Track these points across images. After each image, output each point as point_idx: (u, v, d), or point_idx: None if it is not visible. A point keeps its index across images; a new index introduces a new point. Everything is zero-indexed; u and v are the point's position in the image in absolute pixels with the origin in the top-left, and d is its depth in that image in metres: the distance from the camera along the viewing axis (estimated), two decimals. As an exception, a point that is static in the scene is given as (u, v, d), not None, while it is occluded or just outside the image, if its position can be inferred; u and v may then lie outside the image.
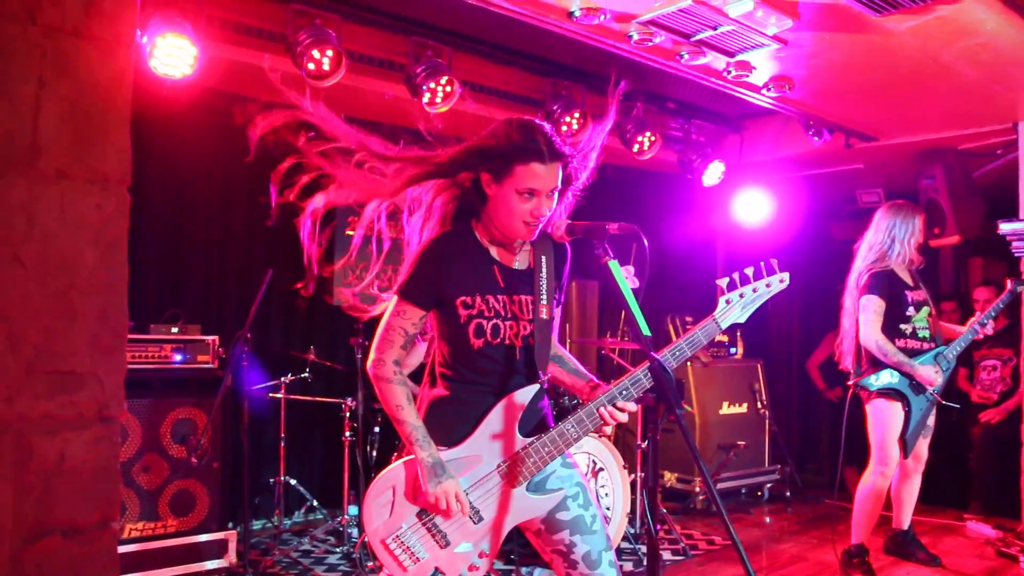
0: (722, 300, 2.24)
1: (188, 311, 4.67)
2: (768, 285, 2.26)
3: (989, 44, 4.08)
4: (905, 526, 4.66)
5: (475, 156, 2.14)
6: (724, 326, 2.24)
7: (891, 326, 4.22)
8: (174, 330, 4.14)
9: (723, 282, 2.24)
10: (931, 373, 4.16)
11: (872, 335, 4.17)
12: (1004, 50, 4.16)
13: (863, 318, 4.21)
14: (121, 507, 3.80)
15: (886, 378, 4.20)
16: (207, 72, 4.30)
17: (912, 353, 4.22)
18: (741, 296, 2.24)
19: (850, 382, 4.34)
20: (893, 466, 4.26)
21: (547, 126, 2.17)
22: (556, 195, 2.15)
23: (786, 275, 2.31)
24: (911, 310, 4.27)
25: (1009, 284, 4.42)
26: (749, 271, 2.25)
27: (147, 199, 4.88)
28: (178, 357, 4.10)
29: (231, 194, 5.19)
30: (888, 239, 4.31)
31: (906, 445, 4.24)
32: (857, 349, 4.31)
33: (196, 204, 5.10)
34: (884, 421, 4.23)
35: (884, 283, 4.22)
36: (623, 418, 2.14)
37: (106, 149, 1.12)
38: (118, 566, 1.15)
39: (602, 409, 2.13)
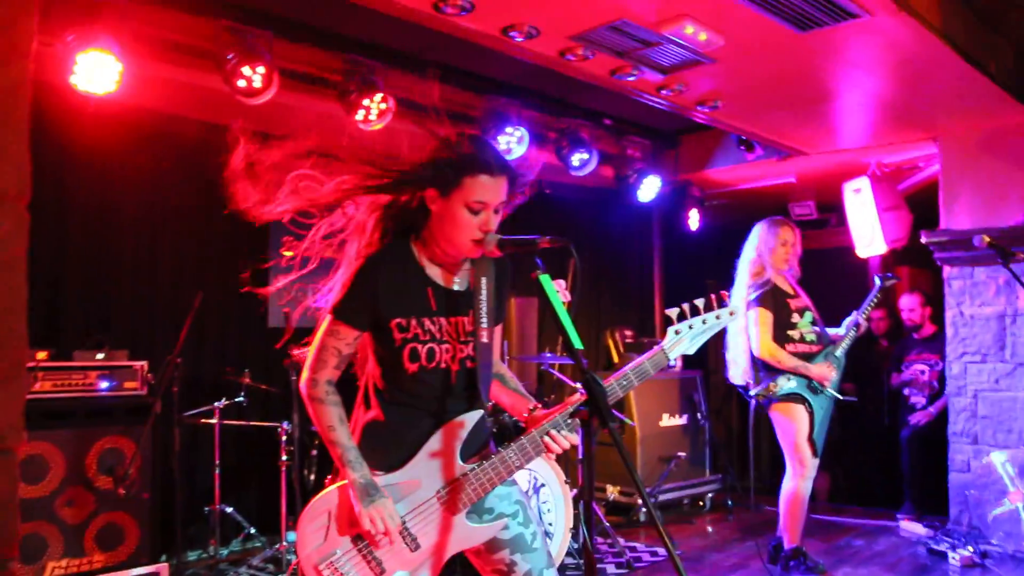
0: (671, 331, 2.23)
1: (116, 336, 4.52)
2: (718, 317, 2.25)
3: (908, 61, 4.22)
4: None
5: (423, 171, 2.10)
6: (672, 357, 2.23)
7: (780, 334, 4.44)
8: (99, 356, 3.99)
9: (673, 312, 2.23)
10: (824, 369, 4.41)
11: (765, 346, 4.40)
12: (922, 68, 4.31)
13: (753, 331, 4.45)
14: (25, 543, 3.64)
15: (784, 383, 4.41)
16: (135, 90, 4.20)
17: (804, 357, 4.43)
18: (691, 327, 2.23)
19: (752, 393, 4.53)
20: (810, 466, 4.42)
21: (491, 141, 2.16)
22: (501, 211, 2.12)
23: (737, 307, 2.33)
24: (795, 316, 4.50)
25: (876, 280, 4.69)
26: (700, 302, 2.24)
27: (72, 220, 4.73)
28: (104, 384, 3.96)
29: (160, 215, 5.06)
30: (757, 254, 4.59)
31: (814, 444, 4.41)
32: (753, 362, 4.51)
33: (123, 225, 4.95)
34: (792, 425, 4.41)
35: (768, 296, 4.46)
36: (566, 446, 2.12)
37: (2, 165, 1.07)
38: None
39: (545, 438, 2.11)
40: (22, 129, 1.11)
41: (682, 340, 2.23)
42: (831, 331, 4.65)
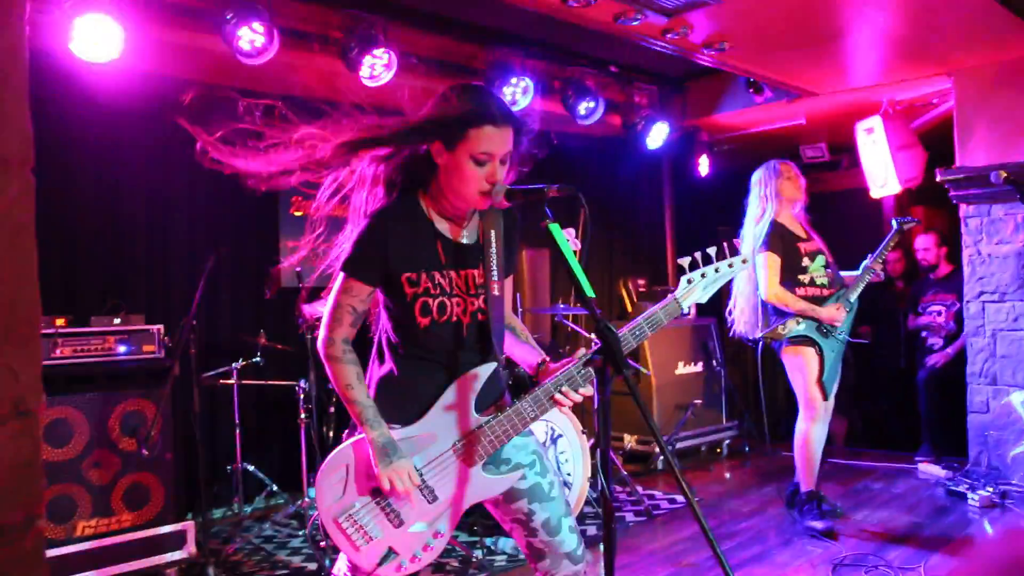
0: (683, 279, 2.23)
1: (131, 301, 4.56)
2: (731, 266, 2.25)
3: (921, -7, 4.12)
4: None
5: (427, 124, 2.08)
6: (685, 306, 2.23)
7: (790, 278, 4.38)
8: (116, 321, 4.02)
9: (685, 261, 2.23)
10: (833, 311, 4.32)
11: (772, 289, 4.34)
12: (936, 1, 4.20)
13: (760, 275, 4.38)
14: (55, 504, 3.72)
15: (793, 326, 4.36)
16: (140, 55, 4.17)
17: (815, 300, 4.37)
18: (703, 276, 2.23)
19: (759, 335, 4.48)
20: (820, 408, 4.39)
21: (494, 91, 2.13)
22: (508, 161, 2.11)
23: (748, 256, 2.32)
24: (806, 260, 4.43)
25: (894, 224, 4.60)
26: (712, 251, 2.23)
27: (82, 187, 4.73)
28: (122, 348, 4.00)
29: (172, 178, 5.06)
30: (761, 199, 4.52)
31: (824, 387, 4.38)
32: (762, 307, 4.45)
33: (135, 190, 4.96)
34: (801, 367, 4.38)
35: (776, 239, 4.38)
36: (578, 399, 2.13)
37: (3, 130, 1.06)
38: (45, 567, 1.10)
39: (558, 395, 2.12)
40: (22, 94, 1.10)
41: (695, 289, 2.23)
42: (846, 274, 4.59)
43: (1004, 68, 5.29)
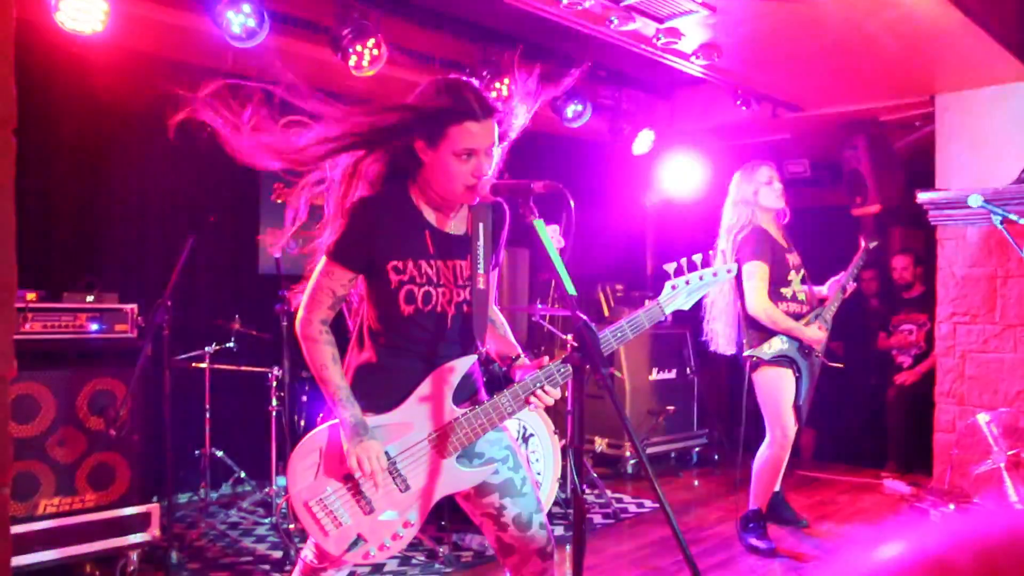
0: (667, 285, 2.24)
1: (105, 279, 4.49)
2: (715, 274, 2.26)
3: (909, 16, 4.17)
4: (776, 487, 4.56)
5: (408, 123, 2.06)
6: (668, 312, 2.24)
7: (772, 292, 4.15)
8: (89, 298, 3.96)
9: (670, 267, 2.24)
10: (817, 332, 4.15)
11: (761, 303, 4.09)
12: (922, 23, 4.26)
13: (749, 286, 4.11)
14: (18, 481, 3.66)
15: (778, 345, 4.14)
16: (123, 30, 4.12)
17: (794, 317, 4.17)
18: (687, 283, 2.24)
19: (745, 354, 4.23)
20: (791, 435, 4.21)
21: (475, 82, 2.12)
22: (493, 154, 2.10)
23: (733, 265, 2.34)
24: (792, 274, 4.23)
25: (863, 243, 4.45)
26: (697, 258, 2.24)
27: (61, 160, 4.67)
28: (94, 326, 3.94)
29: (152, 156, 5.00)
30: (733, 205, 4.29)
31: (800, 411, 4.21)
32: (745, 320, 4.21)
33: (114, 166, 4.90)
34: (778, 389, 4.16)
35: (765, 247, 4.14)
36: (549, 401, 2.13)
37: (-13, 89, 1.05)
38: (7, 539, 1.08)
39: (538, 391, 2.11)
40: (6, 54, 1.09)
41: (678, 295, 2.24)
42: (815, 288, 4.43)
43: (986, 94, 5.37)
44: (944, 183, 5.53)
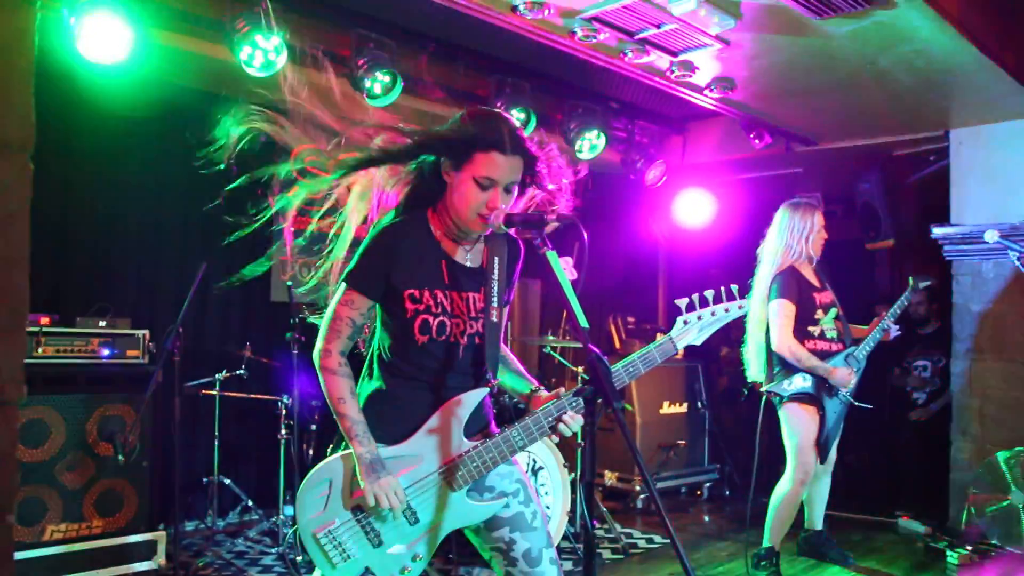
0: (679, 320, 2.21)
1: (119, 304, 4.52)
2: (727, 310, 2.23)
3: (923, 51, 4.18)
4: (819, 526, 4.62)
5: (437, 141, 2.10)
6: (680, 347, 2.21)
7: (799, 329, 4.16)
8: (102, 323, 3.99)
9: (682, 303, 2.22)
10: (846, 374, 4.15)
11: (785, 341, 4.12)
12: (937, 58, 4.26)
13: (774, 323, 4.15)
14: (25, 506, 3.65)
15: (799, 383, 4.15)
16: (145, 60, 4.17)
17: (821, 355, 4.17)
18: (699, 319, 2.21)
19: (763, 389, 4.25)
20: (811, 472, 4.20)
21: (515, 121, 2.13)
22: (514, 191, 2.10)
23: (745, 302, 2.30)
24: (819, 312, 4.23)
25: (911, 281, 4.44)
26: (709, 294, 2.22)
27: (77, 186, 4.71)
28: (106, 351, 3.96)
29: (167, 184, 5.04)
30: (790, 239, 4.26)
31: (823, 450, 4.20)
32: (769, 357, 4.24)
33: (130, 193, 4.94)
34: (800, 427, 4.17)
35: (792, 286, 4.17)
36: (576, 428, 2.11)
37: (6, 114, 1.05)
38: (11, 565, 1.07)
39: (559, 425, 2.09)
40: (27, 79, 1.09)
41: (690, 331, 2.22)
42: (854, 326, 4.42)
43: (1001, 129, 5.36)
44: (959, 218, 5.51)
